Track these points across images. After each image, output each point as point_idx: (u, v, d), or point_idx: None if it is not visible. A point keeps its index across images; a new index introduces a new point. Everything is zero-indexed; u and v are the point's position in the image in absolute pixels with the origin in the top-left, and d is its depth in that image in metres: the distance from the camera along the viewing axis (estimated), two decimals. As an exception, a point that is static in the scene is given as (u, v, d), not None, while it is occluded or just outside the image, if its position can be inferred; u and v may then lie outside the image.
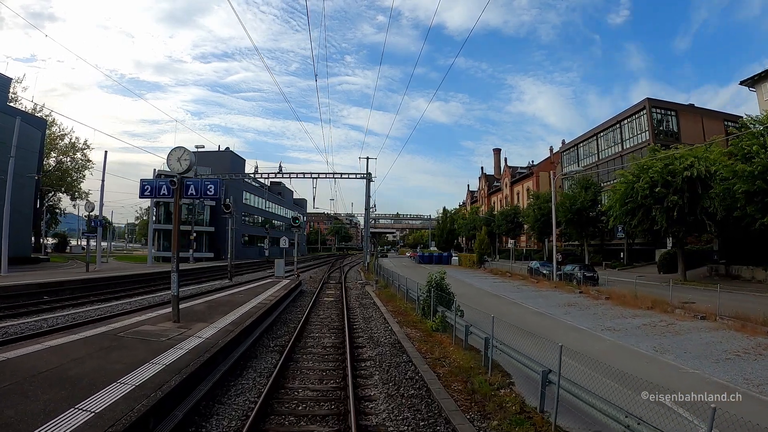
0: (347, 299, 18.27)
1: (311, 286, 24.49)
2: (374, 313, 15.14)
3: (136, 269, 30.60)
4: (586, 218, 38.96)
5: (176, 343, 8.04)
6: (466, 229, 73.22)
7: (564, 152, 64.47)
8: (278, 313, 13.83)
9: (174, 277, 10.10)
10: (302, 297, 19.22)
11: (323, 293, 20.96)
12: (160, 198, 10.15)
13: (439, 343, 10.61)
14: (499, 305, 17.94)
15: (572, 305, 18.54)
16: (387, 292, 20.36)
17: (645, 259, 44.95)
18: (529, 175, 71.98)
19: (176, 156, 10.21)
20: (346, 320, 13.05)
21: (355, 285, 25.08)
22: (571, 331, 13.15)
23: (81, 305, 16.36)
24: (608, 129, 53.95)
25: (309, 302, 17.12)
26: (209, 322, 10.20)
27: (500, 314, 14.45)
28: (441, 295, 12.94)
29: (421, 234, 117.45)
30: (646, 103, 48.32)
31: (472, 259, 43.31)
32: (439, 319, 12.04)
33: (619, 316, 16.11)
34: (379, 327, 12.73)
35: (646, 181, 26.62)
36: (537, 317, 15.57)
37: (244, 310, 12.08)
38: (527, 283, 27.93)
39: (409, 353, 9.50)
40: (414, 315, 14.23)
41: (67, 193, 64.16)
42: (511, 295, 21.36)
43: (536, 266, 31.60)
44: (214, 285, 24.33)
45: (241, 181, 53.93)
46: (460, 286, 24.80)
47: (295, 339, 10.74)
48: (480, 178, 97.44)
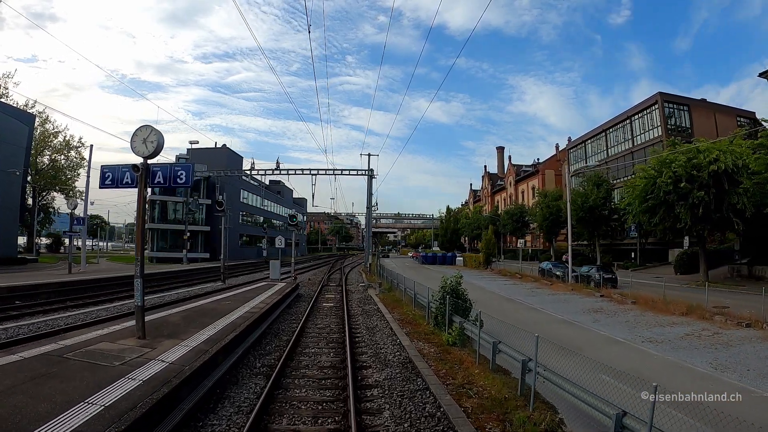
0: (348, 305, 16.50)
1: (309, 289, 22.73)
2: (379, 321, 13.36)
3: (124, 271, 28.83)
4: (598, 216, 37.15)
5: (130, 371, 6.28)
6: (470, 228, 71.43)
7: (571, 149, 62.66)
8: (269, 323, 12.06)
9: (138, 284, 8.33)
10: (299, 302, 17.45)
11: (322, 298, 19.19)
12: (122, 187, 8.36)
13: (459, 362, 8.84)
14: (516, 311, 16.17)
15: (598, 311, 16.76)
16: (392, 297, 18.58)
17: (657, 259, 43.19)
18: (534, 173, 70.18)
19: (142, 137, 8.45)
20: (348, 331, 11.29)
21: (356, 288, 23.31)
22: (608, 344, 11.38)
23: (54, 311, 14.64)
24: (618, 125, 52.20)
25: (306, 309, 15.36)
26: (181, 338, 8.42)
27: (520, 322, 12.70)
28: (457, 303, 11.18)
29: (423, 234, 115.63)
30: (658, 97, 46.58)
31: (478, 259, 41.52)
32: (456, 331, 10.27)
33: (655, 324, 14.35)
34: (385, 340, 10.95)
35: (669, 176, 24.83)
36: (563, 326, 13.78)
37: (227, 320, 10.30)
38: (540, 285, 26.13)
39: (425, 377, 7.73)
40: (425, 325, 12.46)
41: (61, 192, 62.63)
42: (527, 300, 19.57)
43: (548, 267, 29.80)
44: (204, 288, 22.59)
45: (239, 179, 52.20)
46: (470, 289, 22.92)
47: (287, 357, 8.98)
48: (483, 176, 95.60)
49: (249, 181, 55.81)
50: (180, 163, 8.22)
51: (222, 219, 25.46)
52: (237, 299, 13.98)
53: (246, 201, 57.70)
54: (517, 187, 75.46)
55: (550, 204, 44.80)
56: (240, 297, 14.44)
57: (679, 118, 47.45)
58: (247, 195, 56.89)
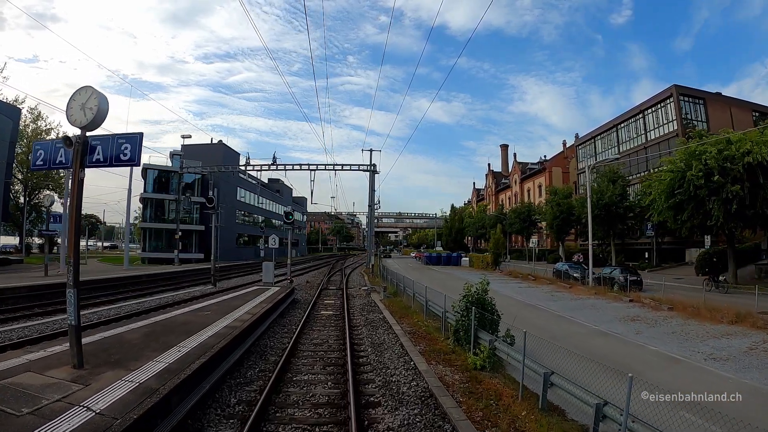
0: (350, 313, 14.45)
1: (307, 293, 20.66)
2: (386, 335, 11.28)
3: (109, 273, 26.84)
4: (614, 214, 35.05)
5: (36, 427, 4.23)
6: (474, 228, 69.32)
7: (579, 146, 60.57)
8: (255, 338, 10.00)
9: (71, 297, 6.23)
10: (293, 310, 15.39)
11: (320, 304, 17.12)
12: (57, 167, 6.29)
13: (495, 396, 6.78)
14: (542, 320, 14.10)
15: (635, 320, 14.70)
16: (398, 303, 16.51)
17: (674, 259, 41.11)
18: (541, 171, 68.06)
19: (80, 102, 6.38)
20: (349, 350, 9.23)
21: (358, 292, 21.24)
22: (667, 365, 9.32)
23: (9, 321, 12.61)
24: (630, 119, 50.14)
25: (301, 318, 13.31)
26: (130, 367, 6.36)
27: (552, 335, 10.63)
28: (483, 316, 9.12)
29: (425, 233, 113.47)
30: (673, 90, 44.49)
31: (486, 260, 39.42)
32: (485, 352, 8.20)
33: (707, 335, 12.31)
34: (396, 362, 8.88)
35: (700, 169, 22.75)
36: (604, 340, 11.71)
37: (198, 339, 8.24)
38: (558, 288, 24.05)
39: (455, 423, 5.67)
40: (442, 341, 10.39)
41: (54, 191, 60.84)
42: (550, 306, 17.49)
43: (564, 268, 27.71)
44: (192, 292, 20.57)
45: (236, 177, 50.17)
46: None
47: (272, 388, 6.94)
48: (487, 175, 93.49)
49: (247, 179, 53.77)
50: (125, 134, 6.06)
51: (213, 217, 23.43)
52: (220, 308, 11.92)
53: (243, 199, 55.68)
54: (523, 186, 73.34)
55: (561, 202, 42.67)
56: (224, 305, 12.37)
57: (695, 112, 45.46)
58: (244, 193, 54.88)
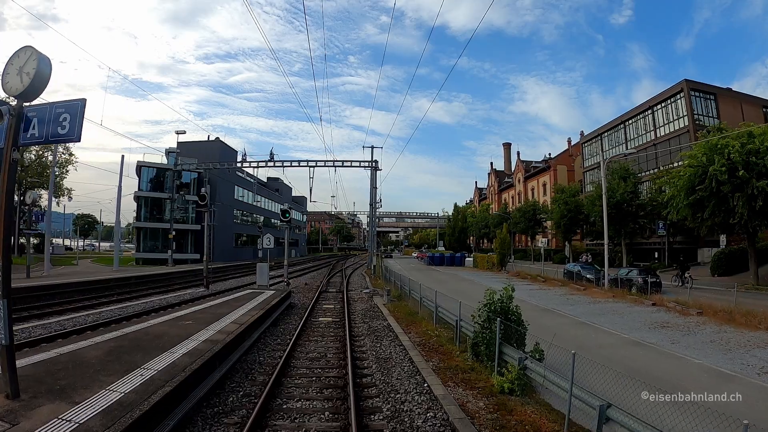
0: (351, 320, 13.10)
1: (304, 297, 19.29)
2: (393, 348, 9.91)
3: (97, 274, 25.51)
4: (626, 213, 33.67)
5: None
6: (477, 228, 67.93)
7: (585, 143, 59.20)
8: (241, 353, 8.64)
9: (2, 309, 4.88)
10: (289, 316, 14.03)
11: (319, 309, 15.76)
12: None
13: (533, 430, 5.41)
14: (565, 328, 12.72)
15: (665, 326, 13.33)
16: (404, 308, 15.13)
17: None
18: (545, 170, 66.66)
19: (17, 65, 5.03)
20: (351, 368, 7.87)
21: (360, 295, 19.86)
22: (719, 381, 7.95)
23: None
24: (638, 116, 48.80)
25: (297, 326, 11.95)
26: (75, 399, 5.00)
27: (576, 344, 9.16)
28: (509, 328, 7.75)
29: (427, 233, 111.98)
30: (683, 85, 43.14)
31: (491, 260, 38.02)
32: (514, 373, 6.84)
33: (749, 344, 10.99)
34: (406, 383, 7.51)
35: (722, 164, 21.40)
36: (636, 350, 10.36)
37: (170, 358, 6.88)
38: (573, 290, 22.67)
39: (490, 478, 4.29)
40: (458, 356, 9.01)
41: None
42: (569, 311, 16.11)
43: (576, 269, 26.30)
44: (182, 295, 19.22)
45: (234, 175, 48.79)
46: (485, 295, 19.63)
47: (255, 421, 5.58)
48: (489, 174, 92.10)
49: (245, 178, 52.38)
50: (64, 102, 4.64)
51: (206, 215, 22.10)
52: (204, 316, 10.56)
53: (242, 198, 54.33)
54: (527, 185, 71.94)
55: (568, 200, 41.31)
56: (210, 312, 11.00)
57: (706, 108, 44.12)
58: (243, 193, 53.51)
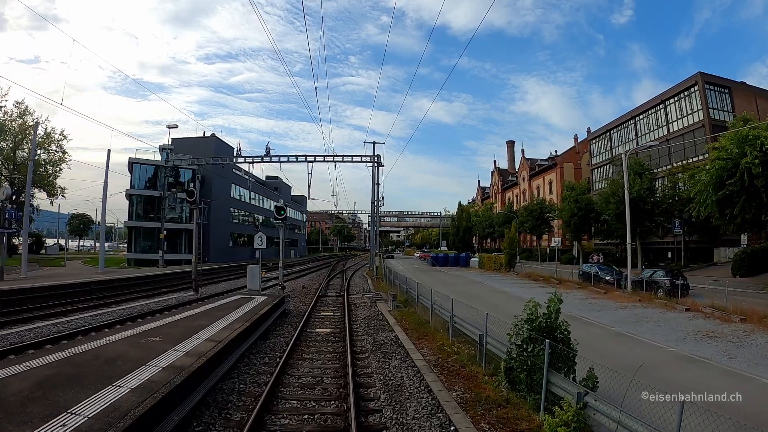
0: (352, 331, 11.37)
1: (301, 302, 17.55)
2: (405, 370, 8.15)
3: (81, 276, 23.78)
4: (641, 210, 31.86)
5: None
6: (481, 227, 66.12)
7: (593, 140, 57.44)
8: (215, 381, 6.90)
9: None
10: (281, 326, 12.29)
11: (316, 317, 14.01)
12: None
13: None
14: (602, 341, 10.98)
15: (710, 336, 11.64)
16: (412, 316, 13.38)
17: (702, 259, 37.99)
18: (551, 167, 64.85)
19: None
20: (353, 402, 6.12)
21: (362, 300, 18.11)
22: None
23: None
24: (649, 111, 47.08)
25: (289, 340, 10.24)
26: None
27: (623, 362, 7.57)
28: (555, 350, 6.01)
29: (429, 233, 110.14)
30: (698, 78, 41.45)
31: (499, 260, 36.25)
32: (570, 413, 5.09)
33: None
34: (426, 424, 5.75)
35: (755, 156, 19.65)
36: (696, 370, 8.60)
37: (112, 396, 5.14)
38: (593, 294, 20.92)
39: None
40: (486, 382, 7.22)
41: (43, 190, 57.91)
42: (597, 318, 14.36)
43: (594, 270, 24.52)
44: (167, 300, 17.52)
45: (231, 173, 47.08)
46: (507, 301, 17.90)
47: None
48: (492, 172, 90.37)
49: (242, 176, 50.62)
50: None
51: (194, 213, 20.39)
52: (177, 330, 8.80)
53: (241, 197, 52.64)
54: (532, 183, 70.17)
55: (579, 198, 39.53)
56: (184, 325, 9.24)
57: (720, 102, 42.38)
58: (241, 191, 51.82)
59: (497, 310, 14.15)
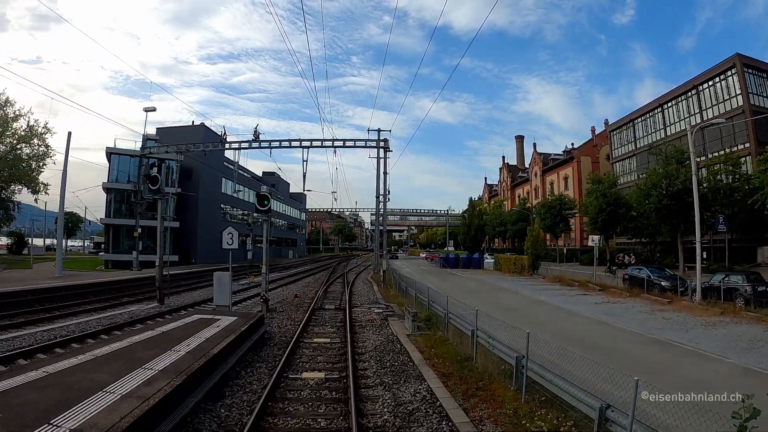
0: (358, 380, 7.34)
1: (289, 320, 13.48)
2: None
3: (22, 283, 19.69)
4: (687, 204, 27.73)
5: None
6: (491, 226, 62.00)
7: (613, 131, 53.35)
8: None
9: None
10: (251, 366, 8.22)
11: (305, 347, 9.91)
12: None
13: None
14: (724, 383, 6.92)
15: None
16: (441, 345, 9.31)
17: (745, 259, 33.94)
18: (567, 162, 60.78)
19: None
20: None
21: (369, 316, 14.01)
22: None
23: None
24: (679, 97, 42.93)
25: (257, 398, 6.23)
26: None
27: None
28: None
29: (434, 232, 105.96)
30: (735, 60, 37.41)
31: (521, 262, 32.15)
32: None
33: None
34: None
35: None
36: None
37: None
38: (655, 304, 16.80)
39: None
40: None
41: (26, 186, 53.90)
42: (690, 342, 10.26)
43: (645, 274, 20.39)
44: (118, 316, 13.55)
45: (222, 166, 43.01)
46: (557, 316, 13.88)
47: None
48: (501, 168, 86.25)
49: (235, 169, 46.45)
50: None
51: (159, 205, 16.45)
52: (47, 395, 4.80)
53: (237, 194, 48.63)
54: (545, 179, 66.09)
55: (607, 192, 35.41)
56: (68, 382, 5.24)
57: (760, 86, 38.27)
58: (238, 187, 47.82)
59: (552, 332, 10.17)
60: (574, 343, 8.49)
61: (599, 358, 5.89)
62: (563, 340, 8.37)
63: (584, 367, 5.40)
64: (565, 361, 5.95)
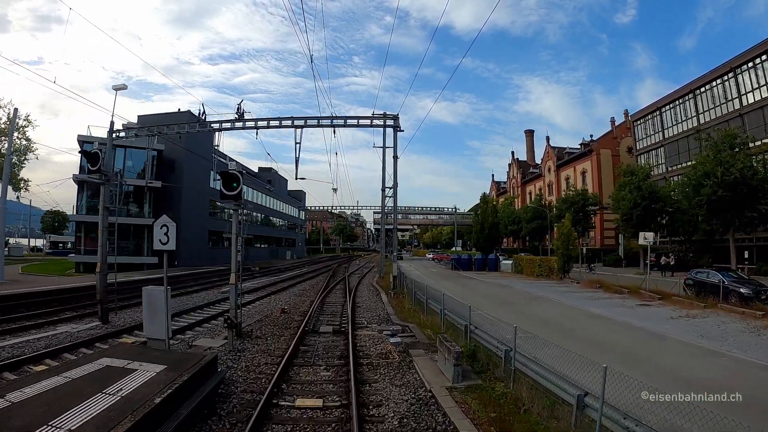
0: None
1: (265, 352, 9.50)
2: None
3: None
4: (742, 195, 23.76)
5: None
6: (504, 224, 57.94)
7: (637, 121, 49.21)
8: None
9: None
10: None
11: (281, 418, 5.99)
12: None
13: None
14: None
15: None
16: (515, 415, 5.39)
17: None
18: (584, 155, 56.65)
19: None
20: None
21: (382, 347, 9.96)
22: None
23: None
24: (714, 81, 38.77)
25: None
26: None
27: None
28: None
29: (439, 231, 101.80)
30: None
31: (548, 264, 28.12)
32: None
33: None
34: None
35: None
36: None
37: None
38: (745, 318, 12.82)
39: None
40: None
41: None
42: None
43: (719, 280, 16.37)
44: (57, 338, 9.62)
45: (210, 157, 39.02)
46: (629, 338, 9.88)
47: None
48: (510, 164, 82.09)
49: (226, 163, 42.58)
50: None
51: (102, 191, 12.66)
52: None
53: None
54: (559, 174, 61.96)
55: (642, 185, 31.36)
56: None
57: (806, 67, 34.17)
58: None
59: (660, 373, 6.23)
60: (731, 408, 4.57)
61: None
62: (647, 377, 4.40)
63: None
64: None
